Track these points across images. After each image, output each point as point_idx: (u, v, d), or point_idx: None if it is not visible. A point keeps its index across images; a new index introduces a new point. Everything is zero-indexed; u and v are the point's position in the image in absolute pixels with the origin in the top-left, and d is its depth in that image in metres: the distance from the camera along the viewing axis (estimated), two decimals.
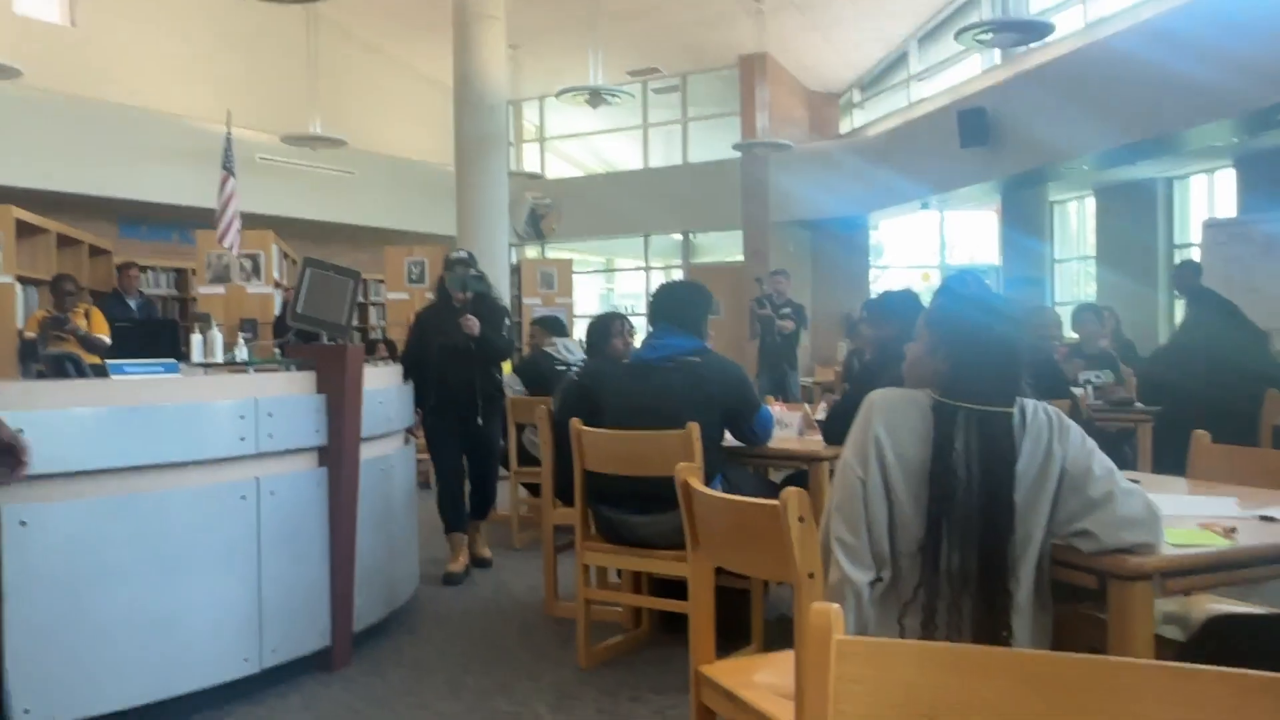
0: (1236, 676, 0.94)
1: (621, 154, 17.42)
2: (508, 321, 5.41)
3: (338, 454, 3.63)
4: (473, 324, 5.06)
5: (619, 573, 4.12)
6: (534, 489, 5.78)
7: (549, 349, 6.10)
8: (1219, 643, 1.95)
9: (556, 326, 6.47)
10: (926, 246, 16.43)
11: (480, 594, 4.76)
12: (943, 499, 1.87)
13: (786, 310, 9.72)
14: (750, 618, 3.50)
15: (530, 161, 16.96)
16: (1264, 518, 2.14)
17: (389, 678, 3.60)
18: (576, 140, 17.60)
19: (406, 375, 4.86)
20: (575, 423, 3.56)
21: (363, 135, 13.43)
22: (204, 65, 12.63)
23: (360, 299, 13.60)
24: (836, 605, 1.02)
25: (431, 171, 14.08)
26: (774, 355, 9.61)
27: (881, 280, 15.71)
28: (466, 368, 5.10)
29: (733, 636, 3.44)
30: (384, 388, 4.19)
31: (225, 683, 3.26)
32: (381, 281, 12.20)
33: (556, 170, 17.41)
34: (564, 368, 5.78)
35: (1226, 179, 11.44)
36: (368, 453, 3.88)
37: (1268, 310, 7.92)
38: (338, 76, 13.40)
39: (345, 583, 3.67)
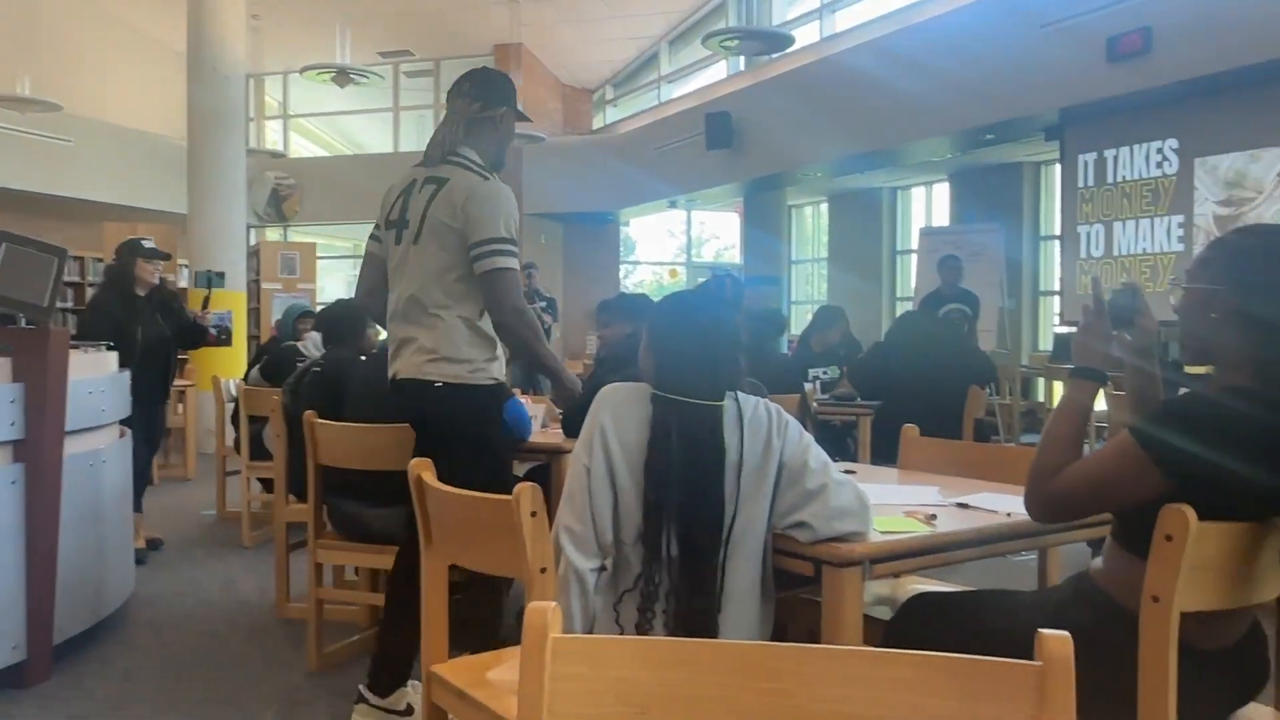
0: (923, 658, 1.01)
1: (371, 136, 16.90)
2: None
3: (37, 449, 3.30)
4: (207, 317, 5.48)
5: (357, 570, 3.99)
6: (268, 484, 5.56)
7: (299, 344, 5.85)
8: (915, 620, 2.10)
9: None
10: (675, 244, 16.94)
11: (205, 597, 4.48)
12: (658, 488, 1.92)
13: (542, 304, 9.76)
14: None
15: (273, 139, 16.14)
16: (960, 505, 2.32)
17: (94, 692, 3.31)
18: (323, 120, 16.91)
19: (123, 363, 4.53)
20: (309, 416, 3.41)
21: (82, 100, 12.33)
22: None
23: (76, 279, 12.52)
24: (554, 604, 1.01)
25: (161, 144, 13.11)
26: None
27: (632, 276, 16.06)
28: (164, 356, 5.28)
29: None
30: (95, 376, 3.85)
31: None
32: (101, 260, 11.25)
33: (301, 149, 16.66)
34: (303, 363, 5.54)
35: (942, 191, 12.49)
36: (74, 447, 3.55)
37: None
38: (54, 35, 12.24)
39: (44, 590, 3.34)
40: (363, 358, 4.10)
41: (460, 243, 2.82)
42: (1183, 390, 1.83)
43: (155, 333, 5.16)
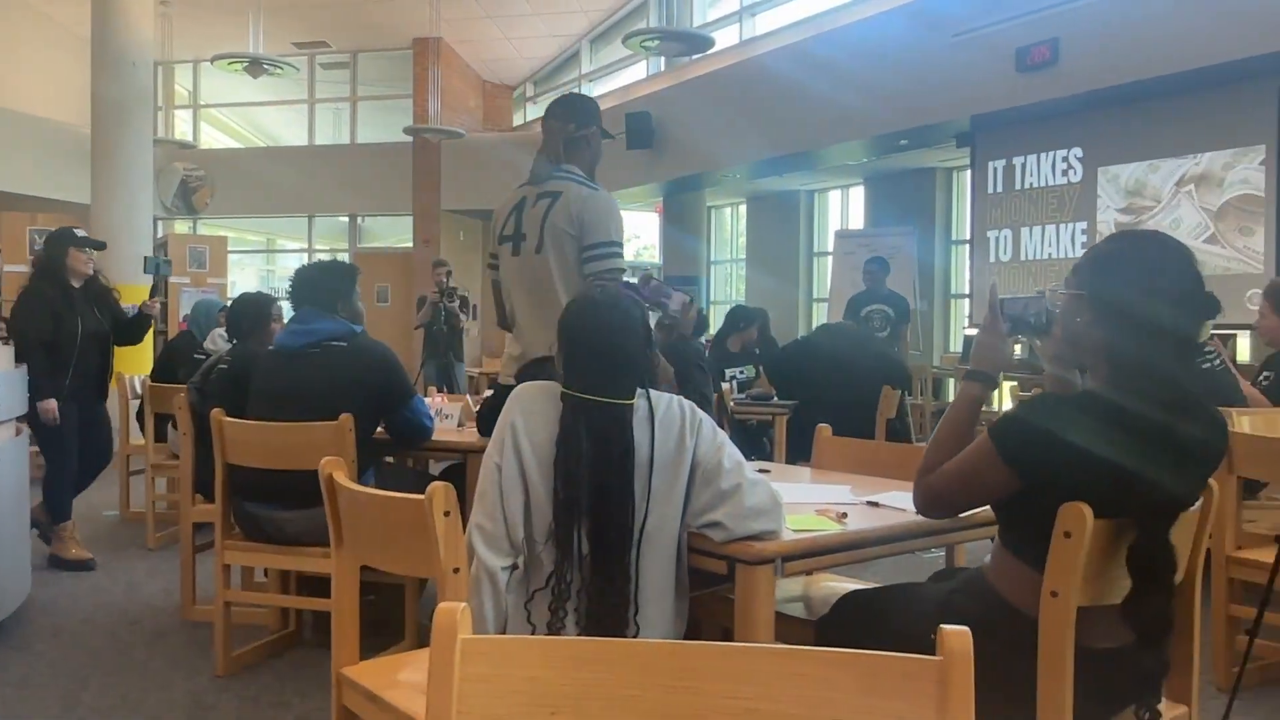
0: (829, 654, 1.02)
1: (285, 129, 16.56)
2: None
3: None
4: (155, 306, 5.22)
5: (266, 572, 3.91)
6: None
7: (207, 341, 5.71)
8: (847, 616, 2.14)
9: None
10: None
11: (107, 600, 4.34)
12: (567, 485, 1.93)
13: (455, 303, 9.67)
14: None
15: (182, 129, 15.71)
16: (871, 503, 2.36)
17: None
18: (235, 111, 16.53)
19: (19, 358, 4.36)
20: (217, 414, 3.32)
21: None
22: None
23: None
24: (463, 604, 1.01)
25: (64, 132, 12.65)
26: (441, 345, 9.50)
27: None
28: (102, 353, 4.99)
29: (392, 632, 3.37)
30: None
31: None
32: None
33: (212, 140, 16.26)
34: (201, 356, 5.41)
35: (857, 195, 12.69)
36: None
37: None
38: None
39: None
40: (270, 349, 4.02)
41: (576, 246, 3.10)
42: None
43: (94, 326, 4.88)
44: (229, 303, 6.07)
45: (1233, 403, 3.96)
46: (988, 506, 1.92)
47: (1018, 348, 2.06)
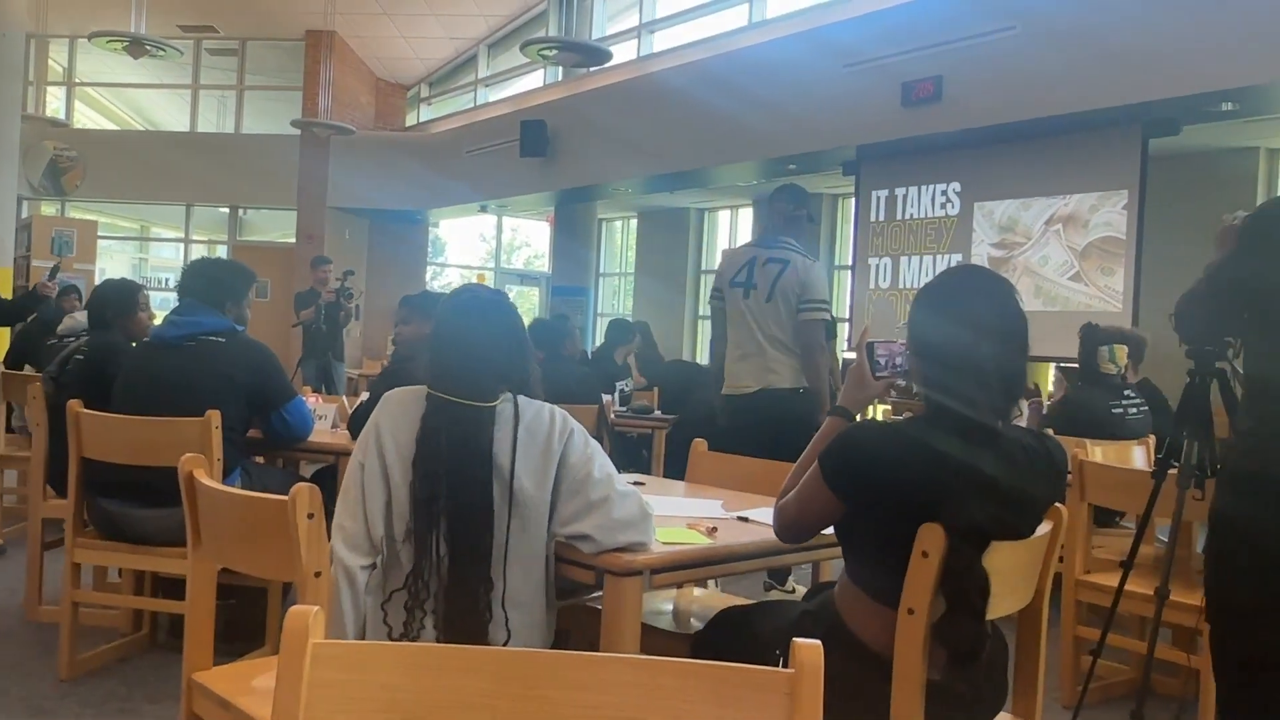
0: (683, 665, 1.04)
1: (166, 114, 15.98)
2: None
3: None
4: (52, 289, 5.21)
5: (120, 572, 3.74)
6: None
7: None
8: (719, 632, 2.17)
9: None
10: (486, 248, 16.81)
11: None
12: (425, 483, 1.92)
13: (351, 303, 9.49)
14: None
15: (54, 106, 15.00)
16: (741, 518, 2.40)
17: None
18: (113, 91, 15.86)
19: None
20: (74, 405, 3.18)
21: None
22: None
23: None
24: (316, 608, 0.99)
25: None
26: (321, 345, 9.27)
27: (440, 277, 15.83)
28: None
29: (255, 637, 3.27)
30: None
31: None
32: None
33: (86, 120, 15.57)
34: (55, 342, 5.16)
35: (746, 215, 12.92)
36: None
37: None
38: None
39: None
40: (133, 344, 3.87)
41: (797, 300, 4.31)
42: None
43: None
44: (75, 284, 5.79)
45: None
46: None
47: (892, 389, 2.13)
